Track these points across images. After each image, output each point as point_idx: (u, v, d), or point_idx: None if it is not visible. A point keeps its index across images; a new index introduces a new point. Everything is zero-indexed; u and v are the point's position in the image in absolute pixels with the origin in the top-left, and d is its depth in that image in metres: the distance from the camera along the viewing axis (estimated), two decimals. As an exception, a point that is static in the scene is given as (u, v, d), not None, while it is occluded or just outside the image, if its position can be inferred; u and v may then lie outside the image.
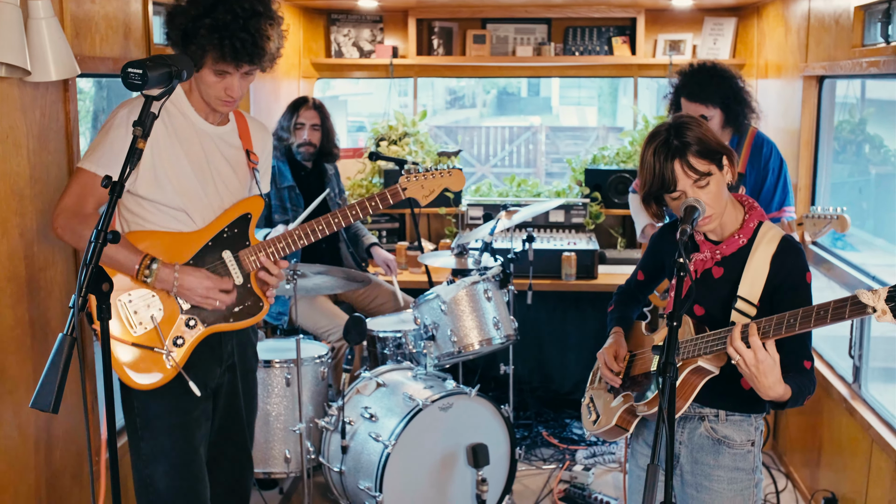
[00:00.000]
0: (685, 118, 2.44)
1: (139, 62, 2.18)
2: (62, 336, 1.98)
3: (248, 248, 2.84)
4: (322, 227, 2.86)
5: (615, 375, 2.71)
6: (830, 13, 4.07)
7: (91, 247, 2.04)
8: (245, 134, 2.94)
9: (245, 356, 3.03)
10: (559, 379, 5.60)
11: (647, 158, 2.43)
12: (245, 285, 2.85)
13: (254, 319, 2.89)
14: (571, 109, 20.72)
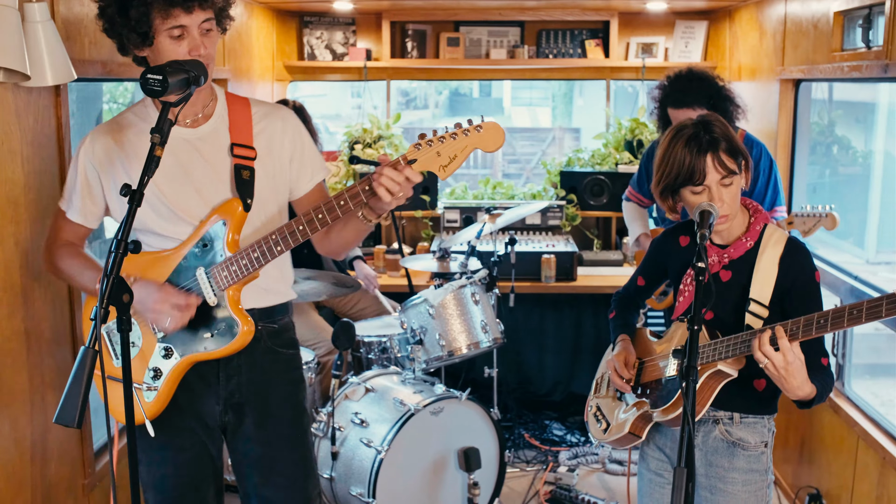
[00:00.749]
0: (712, 117, 2.47)
1: (159, 68, 2.13)
2: (84, 349, 1.93)
3: (221, 261, 2.41)
4: (303, 228, 2.32)
5: (626, 383, 2.70)
6: (808, 18, 4.14)
7: (111, 257, 2.00)
8: (239, 124, 2.52)
9: (264, 399, 2.61)
10: (537, 380, 5.62)
11: (674, 150, 2.44)
12: (219, 306, 2.44)
13: (232, 346, 2.44)
14: (523, 110, 20.79)
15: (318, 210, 2.29)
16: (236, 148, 2.48)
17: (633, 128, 5.67)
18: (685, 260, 2.64)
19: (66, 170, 3.01)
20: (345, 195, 2.27)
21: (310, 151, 2.62)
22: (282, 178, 2.57)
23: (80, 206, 2.52)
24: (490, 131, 2.18)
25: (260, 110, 2.58)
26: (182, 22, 2.29)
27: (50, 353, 2.94)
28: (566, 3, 5.35)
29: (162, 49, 2.32)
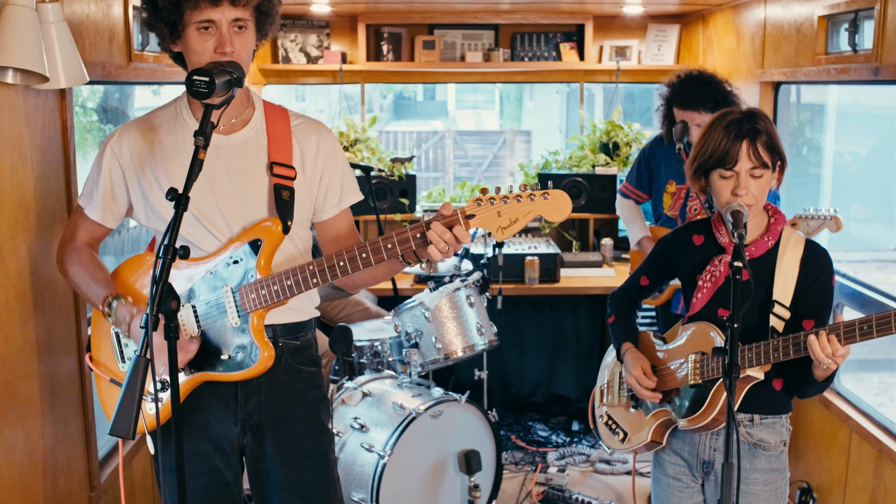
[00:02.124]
0: (760, 112, 2.51)
1: (204, 70, 2.08)
2: (136, 357, 1.89)
3: (250, 282, 2.32)
4: (343, 264, 2.23)
5: (653, 392, 2.69)
6: (790, 22, 4.23)
7: (160, 263, 1.96)
8: (278, 140, 2.42)
9: (284, 419, 2.51)
10: (518, 382, 5.64)
11: (714, 132, 2.47)
12: (242, 328, 2.33)
13: (249, 372, 2.34)
14: (468, 113, 20.87)
15: (363, 249, 2.21)
16: (276, 167, 2.39)
17: (609, 130, 5.73)
18: (700, 259, 2.65)
19: (71, 175, 2.95)
20: (393, 238, 2.19)
21: (342, 173, 2.52)
22: (311, 197, 2.49)
23: (101, 204, 2.43)
24: (557, 201, 2.14)
25: (299, 124, 2.49)
26: (209, 16, 2.22)
27: (57, 362, 2.87)
28: (542, 6, 5.39)
29: (189, 43, 2.26)
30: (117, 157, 2.40)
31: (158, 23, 2.26)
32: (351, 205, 2.56)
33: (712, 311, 2.58)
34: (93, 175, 2.45)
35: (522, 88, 16.74)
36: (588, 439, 5.17)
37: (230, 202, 2.38)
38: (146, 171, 2.38)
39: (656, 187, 4.31)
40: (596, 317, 5.62)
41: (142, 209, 2.43)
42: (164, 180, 2.37)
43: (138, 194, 2.41)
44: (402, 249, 2.20)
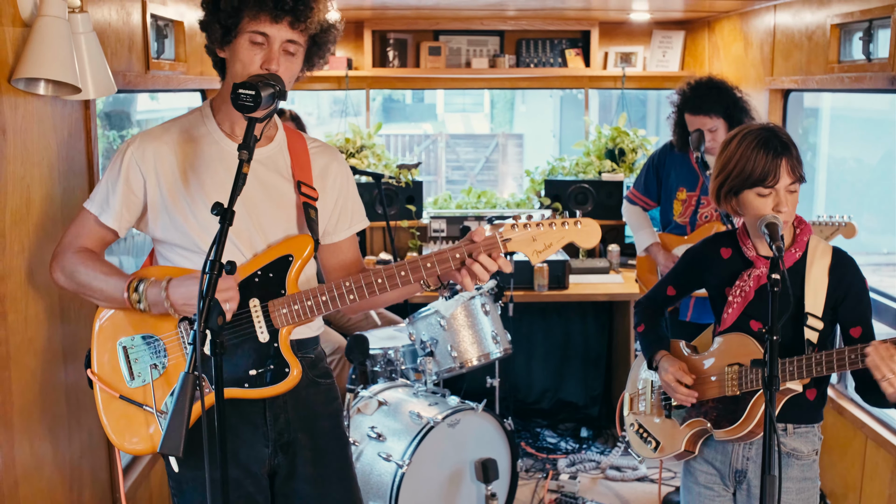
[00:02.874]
0: (776, 126, 2.51)
1: (250, 83, 2.07)
2: (185, 375, 1.88)
3: (281, 298, 2.31)
4: (382, 282, 2.25)
5: (690, 391, 2.69)
6: (801, 30, 4.25)
7: (206, 279, 1.94)
8: (300, 160, 2.44)
9: (312, 434, 2.48)
10: (525, 388, 5.64)
11: (746, 150, 2.47)
12: (271, 344, 2.30)
13: (277, 388, 2.31)
14: (457, 116, 20.86)
15: (402, 267, 2.24)
16: (303, 186, 2.41)
17: (615, 136, 5.74)
18: (728, 272, 2.66)
19: (94, 185, 2.92)
20: (433, 258, 2.23)
21: (353, 199, 2.56)
22: (325, 220, 2.51)
23: (118, 211, 2.34)
24: (588, 228, 2.26)
25: (316, 147, 2.51)
26: (266, 30, 2.22)
27: (81, 371, 2.84)
28: (548, 13, 5.40)
29: (237, 51, 2.25)
30: (138, 164, 2.32)
31: (214, 23, 2.25)
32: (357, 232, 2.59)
33: (744, 323, 2.59)
34: (109, 181, 2.34)
35: (514, 92, 16.76)
36: (597, 446, 5.17)
37: (259, 216, 2.36)
38: (170, 181, 2.33)
39: (666, 194, 4.32)
40: (603, 323, 5.63)
41: (158, 219, 2.35)
42: (190, 191, 2.32)
43: (159, 204, 2.34)
44: (441, 269, 2.23)
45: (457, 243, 2.25)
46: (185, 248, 2.35)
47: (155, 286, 2.23)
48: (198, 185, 2.33)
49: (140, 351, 2.34)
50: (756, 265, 2.57)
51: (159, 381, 2.33)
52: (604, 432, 5.40)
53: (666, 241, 4.29)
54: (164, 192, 2.33)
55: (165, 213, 2.34)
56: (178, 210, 2.32)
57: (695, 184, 4.14)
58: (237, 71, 2.26)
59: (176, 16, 3.74)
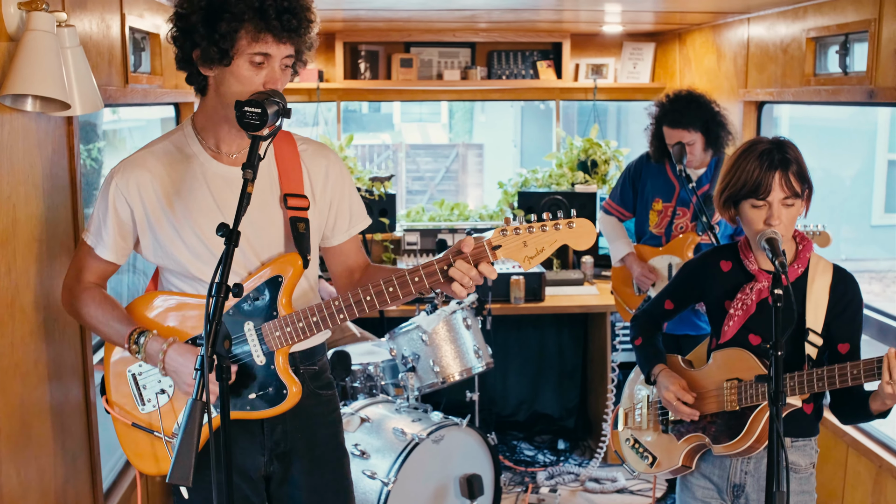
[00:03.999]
0: (787, 141, 2.52)
1: (255, 101, 2.02)
2: (192, 402, 1.83)
3: (274, 320, 2.28)
4: (371, 299, 2.21)
5: (691, 409, 2.68)
6: (776, 42, 4.29)
7: (212, 302, 1.89)
8: (289, 168, 2.37)
9: (310, 445, 2.49)
10: (500, 400, 5.62)
11: (744, 162, 2.48)
12: (268, 366, 2.29)
13: (277, 409, 2.31)
14: (414, 126, 20.84)
15: (390, 283, 2.19)
16: (290, 199, 2.34)
17: (587, 148, 5.75)
18: (728, 285, 2.66)
19: (78, 204, 2.85)
20: (420, 272, 2.18)
21: (351, 199, 2.49)
22: (321, 226, 2.46)
23: (112, 243, 2.34)
24: (582, 229, 2.14)
25: (306, 149, 2.43)
26: (269, 50, 2.15)
27: (66, 393, 2.77)
28: (521, 25, 5.40)
29: (237, 73, 2.17)
30: (124, 195, 2.30)
31: (210, 46, 2.14)
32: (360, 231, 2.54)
33: (743, 337, 2.59)
34: (99, 213, 2.34)
35: (474, 102, 16.77)
36: (575, 458, 5.17)
37: (247, 236, 2.30)
38: (156, 208, 2.30)
39: (642, 205, 4.33)
40: (578, 335, 5.63)
41: (150, 246, 2.35)
42: (176, 217, 2.29)
43: (147, 231, 2.33)
44: (429, 282, 2.19)
45: (444, 254, 2.19)
46: (183, 275, 2.34)
47: (156, 342, 2.26)
48: (184, 210, 2.29)
49: (148, 377, 2.37)
50: (758, 278, 2.57)
51: (167, 407, 2.34)
52: (580, 444, 5.40)
53: (641, 251, 4.30)
54: (151, 220, 2.30)
55: (155, 241, 2.31)
56: (165, 237, 2.30)
57: (671, 195, 4.16)
58: (234, 90, 2.19)
59: (152, 28, 3.66)
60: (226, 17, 2.11)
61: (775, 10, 4.29)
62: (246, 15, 2.11)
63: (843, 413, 2.55)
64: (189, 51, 2.20)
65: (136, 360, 2.39)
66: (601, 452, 4.87)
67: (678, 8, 4.63)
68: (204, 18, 2.13)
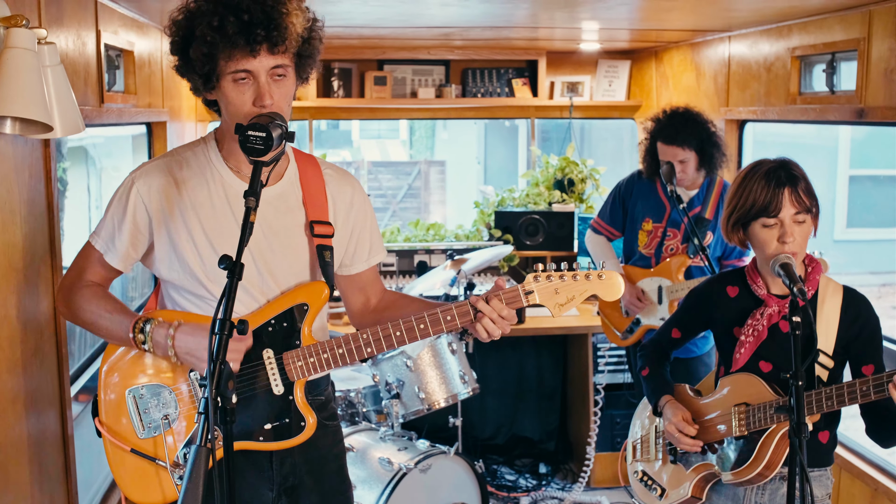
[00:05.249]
0: (790, 160, 2.46)
1: (260, 125, 1.91)
2: (197, 448, 1.71)
3: (296, 349, 2.20)
4: (401, 335, 2.16)
5: (694, 440, 2.61)
6: (759, 61, 4.27)
7: (216, 340, 1.77)
8: (314, 193, 2.28)
9: (318, 477, 2.40)
10: (479, 424, 5.50)
11: (751, 183, 2.43)
12: (286, 397, 2.20)
13: (292, 441, 2.23)
14: (373, 143, 20.77)
15: (421, 320, 2.15)
16: (317, 226, 2.26)
17: (563, 166, 5.69)
18: (736, 311, 2.59)
19: (55, 230, 2.71)
20: (453, 311, 2.14)
21: (371, 229, 2.42)
22: (341, 254, 2.37)
23: (124, 251, 2.23)
24: (611, 281, 2.16)
25: (331, 175, 2.35)
26: (245, 66, 2.04)
27: (45, 433, 2.62)
28: (497, 42, 5.33)
29: (225, 94, 2.09)
30: (145, 202, 2.20)
31: (191, 73, 2.08)
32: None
33: (754, 364, 2.52)
34: (114, 217, 2.22)
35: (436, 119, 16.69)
36: (557, 482, 5.07)
37: (267, 261, 2.23)
38: (176, 219, 2.19)
39: (631, 225, 4.26)
40: (558, 356, 5.54)
41: (166, 259, 2.23)
42: (196, 232, 2.19)
43: (164, 243, 2.22)
44: (461, 322, 2.14)
45: (479, 296, 2.15)
46: (193, 293, 2.22)
47: (162, 328, 2.14)
48: (206, 228, 2.20)
49: (150, 401, 2.25)
50: (768, 303, 2.51)
51: (171, 433, 2.22)
52: (562, 467, 5.30)
53: (630, 273, 4.22)
54: (171, 232, 2.20)
55: (172, 253, 2.20)
56: (184, 251, 2.19)
57: (661, 215, 4.10)
58: (231, 113, 2.12)
59: (126, 45, 3.53)
60: (193, 43, 2.04)
61: (758, 28, 4.27)
62: (208, 37, 2.02)
63: (883, 436, 2.46)
64: (187, 80, 2.14)
65: (135, 382, 2.25)
66: (585, 476, 4.79)
67: (658, 26, 4.58)
68: (180, 48, 2.09)
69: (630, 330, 4.23)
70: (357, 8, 3.71)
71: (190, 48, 2.05)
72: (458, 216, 13.01)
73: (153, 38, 4.06)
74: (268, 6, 2.03)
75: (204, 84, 2.08)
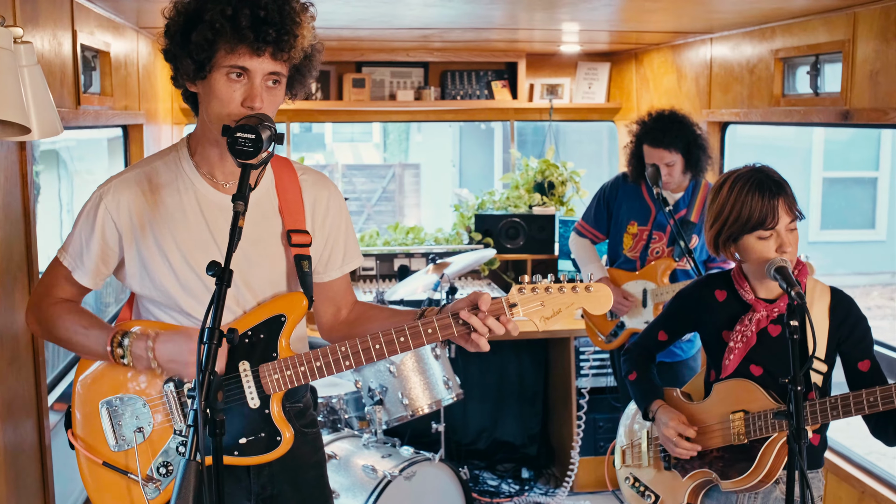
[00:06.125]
0: (765, 166, 2.44)
1: (249, 126, 1.85)
2: (186, 462, 1.65)
3: (273, 361, 2.13)
4: (380, 347, 2.08)
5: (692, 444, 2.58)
6: (742, 63, 4.25)
7: (205, 349, 1.71)
8: (290, 199, 2.21)
9: (297, 486, 2.32)
10: (460, 429, 5.45)
11: (740, 195, 2.39)
12: (262, 410, 2.12)
13: (269, 456, 2.16)
14: (346, 146, 20.69)
15: (402, 332, 2.06)
16: (294, 235, 2.19)
17: (543, 169, 5.66)
18: (724, 316, 2.56)
19: (32, 236, 2.63)
20: (434, 324, 2.05)
21: (347, 235, 2.34)
22: (315, 261, 2.29)
23: (93, 268, 2.15)
24: (599, 294, 2.07)
25: (307, 181, 2.28)
26: (245, 64, 1.98)
27: (22, 444, 2.54)
28: (477, 44, 5.29)
29: (214, 87, 2.00)
30: (114, 219, 2.12)
31: (185, 58, 1.99)
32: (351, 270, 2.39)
33: (745, 368, 2.50)
34: (82, 234, 2.14)
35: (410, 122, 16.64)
36: (539, 486, 5.03)
37: (242, 271, 2.14)
38: (147, 235, 2.12)
39: (616, 228, 4.22)
40: (539, 360, 5.50)
41: (136, 275, 2.15)
42: (168, 246, 2.11)
43: (135, 260, 2.14)
44: (443, 335, 2.06)
45: (455, 304, 2.08)
46: (166, 306, 2.14)
47: (140, 340, 2.05)
48: (178, 241, 2.12)
49: (124, 413, 2.17)
50: (756, 308, 2.48)
51: (144, 446, 2.15)
52: (544, 472, 5.26)
53: (615, 276, 4.19)
54: (140, 247, 2.12)
55: (143, 270, 2.12)
56: (155, 267, 2.11)
57: (646, 218, 4.07)
58: (214, 109, 2.03)
59: (102, 46, 3.45)
60: (200, 27, 1.96)
61: (740, 30, 4.26)
62: (218, 23, 1.95)
63: (890, 435, 2.43)
64: (175, 66, 2.05)
65: (109, 393, 2.18)
66: (569, 481, 4.75)
67: (638, 28, 4.56)
68: (181, 29, 2.00)
69: (614, 333, 4.19)
70: (339, 8, 3.66)
71: (193, 31, 1.97)
72: (433, 219, 12.98)
73: (129, 38, 3.98)
74: (285, 10, 1.98)
75: (196, 72, 2.00)
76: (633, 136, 4.00)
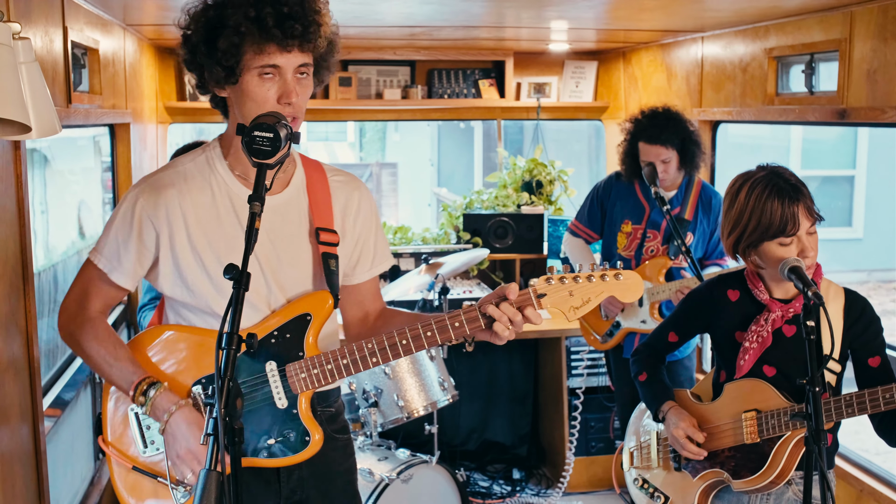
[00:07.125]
0: (779, 166, 2.41)
1: (266, 124, 1.81)
2: (206, 472, 1.60)
3: (300, 360, 2.12)
4: (407, 343, 2.06)
5: (699, 448, 2.55)
6: (734, 61, 4.25)
7: (224, 354, 1.66)
8: (320, 200, 2.21)
9: (326, 492, 2.31)
10: (451, 429, 5.41)
11: (759, 201, 2.36)
12: (290, 410, 2.12)
13: (297, 458, 2.14)
14: (320, 146, 20.58)
15: (428, 327, 2.04)
16: (322, 233, 2.18)
17: (531, 168, 5.63)
18: (738, 316, 2.54)
19: (26, 238, 2.56)
20: (461, 317, 2.03)
21: (377, 236, 2.34)
22: (345, 263, 2.28)
23: (131, 269, 2.14)
24: (630, 281, 2.03)
25: (337, 180, 2.27)
26: (276, 61, 1.99)
27: (17, 451, 2.47)
28: (465, 43, 5.25)
29: (247, 90, 2.01)
30: (151, 220, 2.12)
31: (214, 65, 1.99)
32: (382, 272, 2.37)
33: (758, 368, 2.48)
34: (119, 234, 2.14)
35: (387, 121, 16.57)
36: (531, 487, 5.00)
37: (274, 270, 2.16)
38: (181, 235, 2.12)
39: (609, 227, 4.20)
40: (529, 360, 5.47)
41: (169, 275, 2.15)
42: (202, 246, 2.11)
43: (168, 259, 2.14)
44: (470, 329, 2.03)
45: (484, 299, 2.05)
46: (198, 309, 2.14)
47: (165, 399, 2.08)
48: (210, 240, 2.12)
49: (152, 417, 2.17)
50: (771, 308, 2.46)
51: None
52: (535, 473, 5.24)
53: (607, 276, 4.16)
54: (175, 248, 2.12)
55: (176, 270, 2.12)
56: (188, 269, 2.11)
57: (641, 217, 4.05)
58: (250, 110, 2.03)
59: (91, 43, 3.38)
60: (224, 32, 1.96)
61: (732, 29, 4.25)
62: (243, 27, 1.95)
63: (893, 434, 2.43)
64: (200, 74, 2.05)
65: None
66: (564, 482, 4.72)
67: (627, 26, 4.54)
68: (204, 38, 1.99)
69: (610, 333, 4.17)
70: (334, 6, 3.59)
71: (218, 38, 1.97)
72: (411, 218, 12.90)
73: (116, 36, 3.90)
74: (305, 2, 1.98)
75: (227, 77, 2.01)
76: (628, 134, 3.98)
